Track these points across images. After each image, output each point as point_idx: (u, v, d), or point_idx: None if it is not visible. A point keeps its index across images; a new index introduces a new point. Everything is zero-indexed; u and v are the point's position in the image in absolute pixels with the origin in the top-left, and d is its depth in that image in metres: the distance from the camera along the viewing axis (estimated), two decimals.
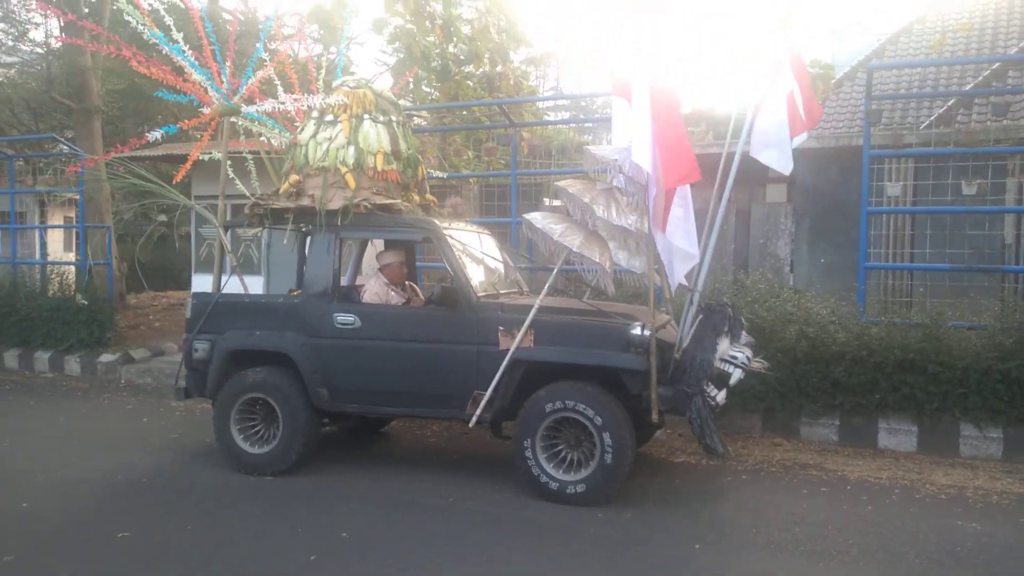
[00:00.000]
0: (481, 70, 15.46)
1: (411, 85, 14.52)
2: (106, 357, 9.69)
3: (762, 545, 4.36)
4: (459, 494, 5.18)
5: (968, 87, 11.78)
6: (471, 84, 14.90)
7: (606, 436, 4.85)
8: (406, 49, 13.10)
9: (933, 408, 6.33)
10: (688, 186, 5.09)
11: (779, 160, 5.19)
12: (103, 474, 5.59)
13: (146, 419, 7.46)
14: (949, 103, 11.14)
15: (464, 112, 14.65)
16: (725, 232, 10.26)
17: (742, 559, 4.19)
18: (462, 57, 14.20)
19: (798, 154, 9.60)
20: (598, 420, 4.87)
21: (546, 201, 10.48)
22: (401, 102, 7.90)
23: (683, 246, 5.14)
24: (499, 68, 15.22)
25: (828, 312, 6.84)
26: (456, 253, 5.48)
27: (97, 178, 10.14)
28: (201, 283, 10.75)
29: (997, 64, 11.41)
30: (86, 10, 12.49)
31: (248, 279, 6.72)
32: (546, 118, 18.96)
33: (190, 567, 4.03)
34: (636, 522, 4.70)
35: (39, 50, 18.76)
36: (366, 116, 5.84)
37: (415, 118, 12.28)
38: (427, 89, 16.03)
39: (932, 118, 11.28)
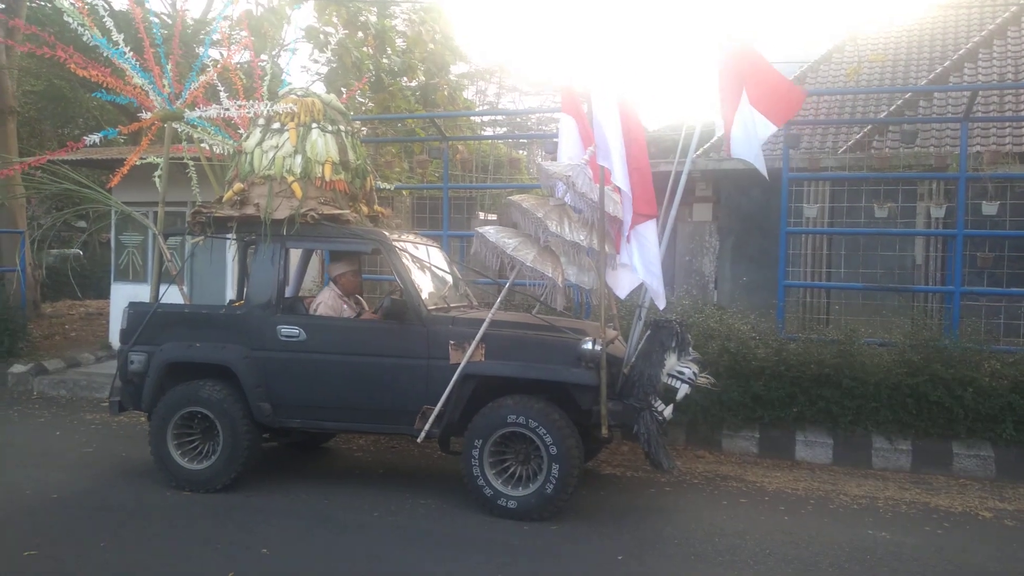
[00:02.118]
0: (415, 81, 15.43)
1: (343, 95, 14.41)
2: (17, 367, 9.26)
3: (683, 556, 4.45)
4: (383, 509, 5.13)
5: (883, 115, 12.34)
6: (406, 96, 14.85)
7: (555, 467, 4.84)
8: (339, 59, 12.99)
9: (847, 421, 6.59)
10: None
11: (758, 159, 5.34)
12: (10, 489, 5.33)
13: (59, 432, 7.16)
14: (865, 129, 11.64)
15: (399, 124, 14.61)
16: None
17: (664, 569, 4.27)
18: (395, 69, 14.15)
19: (722, 175, 9.90)
20: (553, 449, 4.84)
21: (480, 215, 10.54)
22: None
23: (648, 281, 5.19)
24: (434, 80, 15.22)
25: (749, 328, 7.05)
26: (406, 265, 5.43)
27: (13, 183, 9.73)
28: (121, 292, 10.38)
29: (908, 94, 11.99)
30: (1, 5, 12.01)
31: (173, 288, 6.55)
32: (482, 133, 19.03)
33: None
34: (560, 534, 4.74)
35: None
36: (314, 125, 5.76)
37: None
38: (360, 99, 15.92)
39: (849, 144, 11.76)
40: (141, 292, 6.10)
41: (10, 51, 11.36)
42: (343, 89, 11.96)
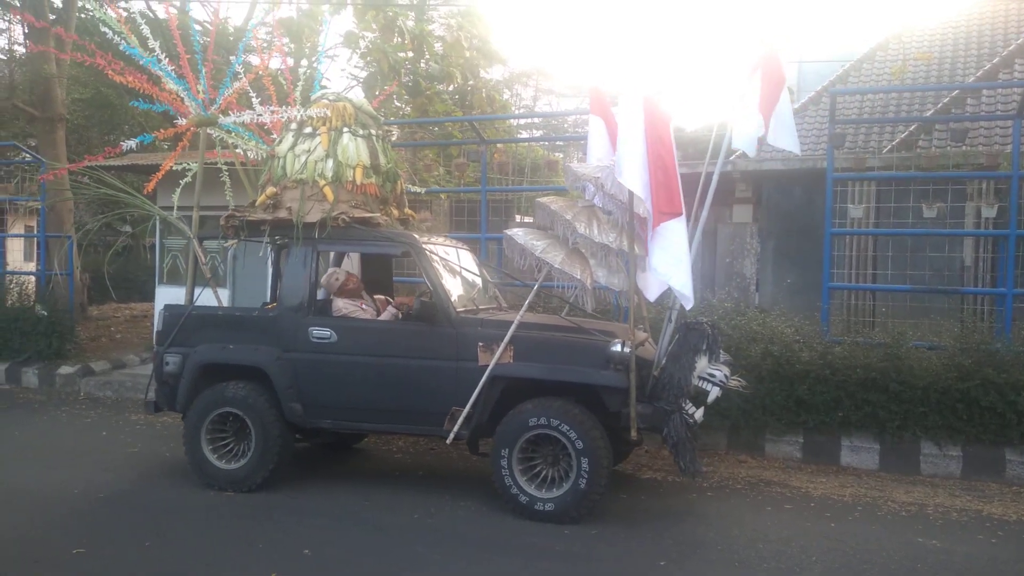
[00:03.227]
0: (452, 86, 15.49)
1: (382, 100, 14.52)
2: (65, 369, 9.48)
3: (727, 562, 4.37)
4: (422, 511, 5.13)
5: (928, 114, 12.07)
6: (443, 100, 14.91)
7: (584, 461, 4.82)
8: (376, 64, 13.08)
9: (895, 426, 6.43)
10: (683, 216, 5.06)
11: (792, 142, 5.29)
12: (59, 489, 5.44)
13: (105, 432, 7.30)
14: (910, 128, 11.40)
15: (435, 128, 14.66)
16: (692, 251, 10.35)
17: (707, 575, 4.19)
18: (433, 74, 14.21)
19: (763, 176, 9.76)
20: (579, 444, 4.83)
21: (517, 218, 10.53)
22: None
23: (669, 280, 5.07)
24: (471, 82, 15.25)
25: (792, 331, 6.92)
26: (436, 268, 5.44)
27: (61, 188, 9.97)
28: (165, 295, 10.54)
29: (956, 92, 11.71)
30: (52, 16, 12.31)
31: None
32: (518, 135, 19.05)
33: None
34: (601, 539, 4.69)
35: (1, 56, 18.45)
36: (346, 129, 5.81)
37: (389, 133, 12.26)
38: (398, 103, 16.02)
39: (894, 143, 11.53)
40: (185, 295, 6.19)
41: (59, 61, 11.64)
42: (377, 93, 12.07)
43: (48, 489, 5.44)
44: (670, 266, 4.96)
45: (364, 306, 5.87)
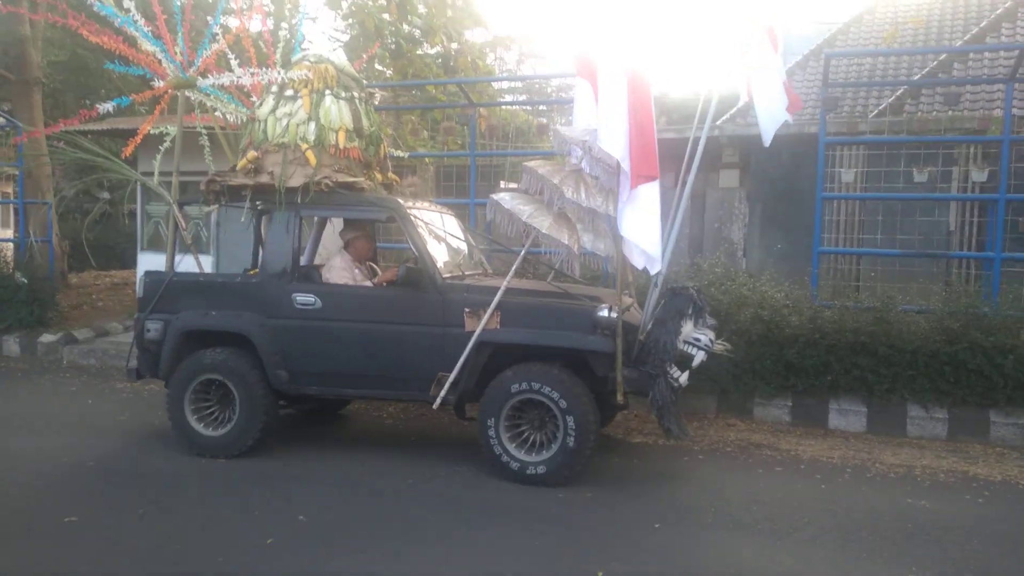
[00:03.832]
0: (436, 48, 15.25)
1: (364, 62, 14.27)
2: (47, 337, 9.35)
3: (721, 524, 4.41)
4: (417, 476, 5.12)
5: (916, 77, 12.04)
6: (427, 63, 14.68)
7: (570, 420, 4.85)
8: (360, 25, 12.84)
9: (883, 389, 6.49)
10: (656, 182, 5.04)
11: (769, 134, 5.31)
12: (48, 458, 5.38)
13: (91, 401, 7.23)
14: (898, 92, 11.37)
15: (418, 92, 14.46)
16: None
17: (703, 538, 4.23)
18: (417, 35, 13.98)
19: (749, 141, 9.70)
20: (563, 403, 4.86)
21: (502, 183, 10.44)
22: None
23: (638, 242, 5.04)
24: (455, 45, 15.03)
25: (782, 296, 6.94)
26: (421, 233, 5.39)
27: (39, 152, 9.74)
28: (147, 262, 10.39)
29: (944, 56, 11.68)
30: None
31: (198, 258, 6.54)
32: (503, 99, 18.85)
33: (143, 552, 3.91)
34: (596, 502, 4.71)
35: None
36: (328, 92, 5.69)
37: (372, 96, 12.07)
38: (379, 67, 15.77)
39: (881, 106, 11.50)
40: (166, 261, 6.09)
41: (34, 22, 11.32)
42: (363, 55, 11.83)
43: (36, 458, 5.38)
44: (639, 230, 4.94)
45: (358, 271, 5.80)
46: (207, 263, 10.73)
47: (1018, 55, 6.97)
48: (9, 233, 14.01)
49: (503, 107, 15.90)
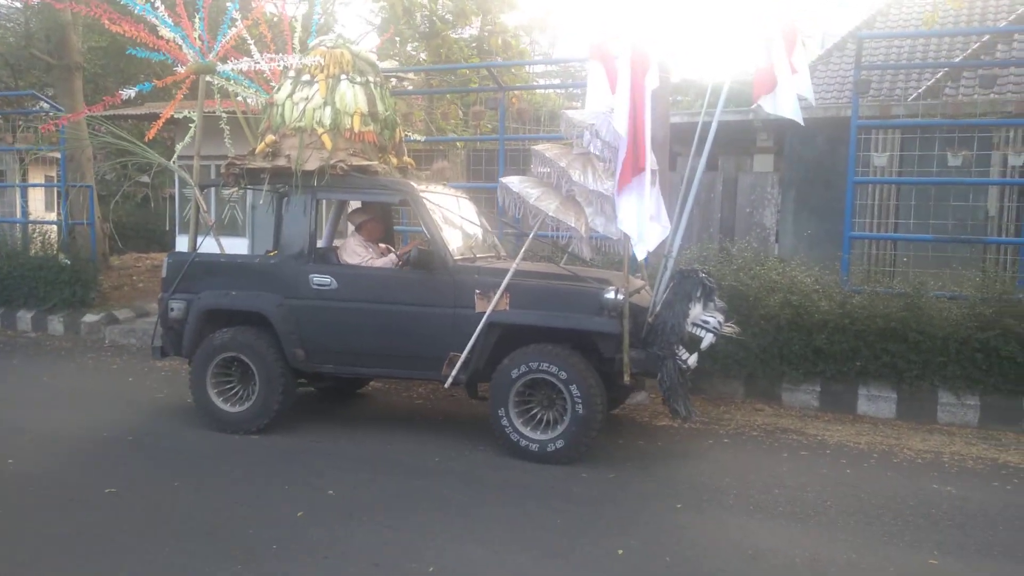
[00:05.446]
0: (468, 30, 15.25)
1: (397, 46, 14.34)
2: (89, 317, 9.63)
3: (743, 506, 4.44)
4: (443, 455, 5.23)
5: (957, 60, 11.79)
6: (460, 46, 14.70)
7: (573, 388, 4.94)
8: (390, 7, 12.88)
9: (913, 376, 6.43)
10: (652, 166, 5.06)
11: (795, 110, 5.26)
12: (89, 432, 5.59)
13: (131, 379, 7.45)
14: (937, 75, 11.15)
15: (452, 76, 14.51)
16: (712, 200, 10.29)
17: (723, 520, 4.27)
18: (448, 17, 13.99)
19: (784, 125, 9.63)
20: (563, 375, 4.97)
21: (533, 168, 10.47)
22: (388, 63, 7.80)
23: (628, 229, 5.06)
24: (488, 28, 15.01)
25: (812, 281, 6.90)
26: (433, 216, 5.50)
27: (78, 136, 9.98)
28: (185, 243, 10.65)
29: (987, 37, 11.41)
30: None
31: (233, 241, 6.71)
32: (535, 83, 18.79)
33: (177, 523, 4.06)
34: (618, 483, 4.77)
35: (17, 4, 18.32)
36: (343, 76, 5.80)
37: (403, 80, 12.14)
38: (412, 51, 15.81)
39: (920, 90, 11.29)
40: (205, 243, 6.24)
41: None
42: (385, 34, 11.84)
43: (79, 432, 5.58)
44: (632, 219, 4.96)
45: (372, 252, 5.89)
46: (243, 246, 10.95)
47: None
48: (53, 216, 14.37)
49: (536, 91, 15.88)
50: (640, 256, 5.12)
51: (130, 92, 6.25)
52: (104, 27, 6.50)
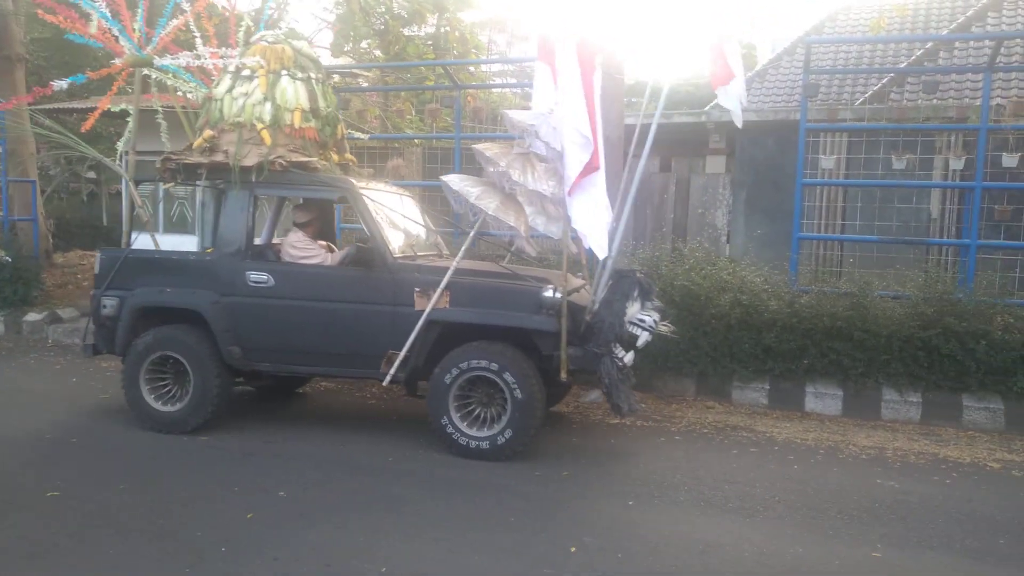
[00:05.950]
0: (424, 28, 15.18)
1: (351, 43, 14.19)
2: (32, 316, 9.35)
3: (693, 502, 4.51)
4: (397, 455, 5.20)
5: (902, 66, 12.12)
6: (416, 44, 14.61)
7: (507, 376, 4.99)
8: (346, 3, 12.75)
9: (858, 373, 6.60)
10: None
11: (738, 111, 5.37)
12: (31, 433, 5.43)
13: (75, 379, 7.26)
14: (883, 80, 11.45)
15: (407, 74, 14.43)
16: (665, 202, 10.42)
17: (674, 515, 4.32)
18: (404, 15, 13.91)
19: (736, 128, 9.80)
20: (494, 366, 5.01)
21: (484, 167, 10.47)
22: (343, 60, 7.73)
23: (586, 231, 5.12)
24: (445, 27, 14.97)
25: (761, 280, 7.03)
26: (373, 213, 5.47)
27: (19, 127, 9.68)
28: (137, 242, 10.40)
29: (930, 44, 11.75)
30: None
31: (182, 238, 6.59)
32: (491, 82, 18.78)
33: (125, 524, 3.97)
34: (571, 480, 4.80)
35: None
36: (284, 72, 5.74)
37: (357, 77, 12.04)
38: (365, 48, 15.67)
39: (867, 95, 11.59)
40: (140, 239, 6.12)
41: None
42: (351, 34, 11.76)
43: (20, 433, 5.42)
44: (587, 219, 5.03)
45: (316, 248, 5.83)
46: (192, 243, 10.74)
47: (995, 45, 7.05)
48: None
49: (492, 90, 15.89)
50: (600, 255, 5.15)
51: (62, 84, 6.09)
52: (47, 18, 6.31)
